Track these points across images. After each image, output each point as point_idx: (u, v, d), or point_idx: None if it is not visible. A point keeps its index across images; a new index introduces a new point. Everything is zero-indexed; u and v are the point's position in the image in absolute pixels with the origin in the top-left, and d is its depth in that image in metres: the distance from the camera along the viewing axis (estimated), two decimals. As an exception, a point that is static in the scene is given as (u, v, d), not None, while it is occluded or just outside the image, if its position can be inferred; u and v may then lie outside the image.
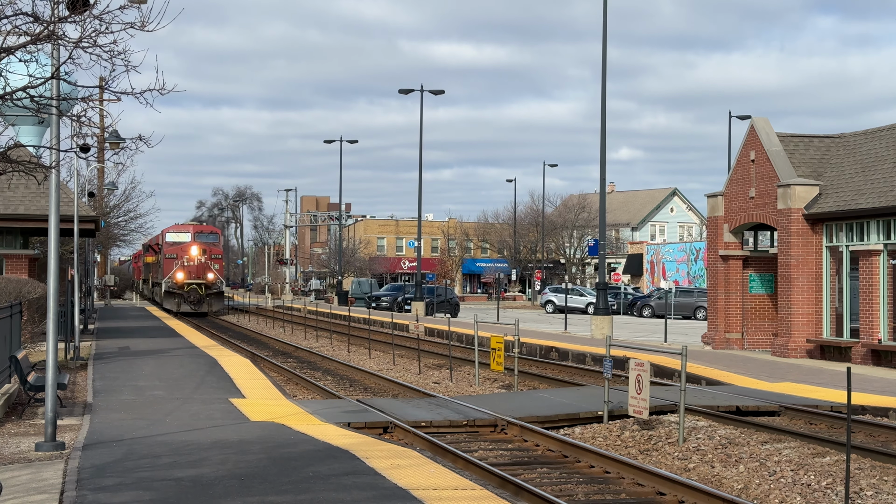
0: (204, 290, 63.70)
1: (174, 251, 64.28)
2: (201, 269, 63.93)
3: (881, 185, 29.52)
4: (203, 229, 69.39)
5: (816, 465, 14.90)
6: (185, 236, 65.73)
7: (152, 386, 22.11)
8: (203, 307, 63.53)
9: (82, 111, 11.64)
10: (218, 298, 65.36)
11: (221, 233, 74.85)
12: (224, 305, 67.98)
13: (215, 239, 68.47)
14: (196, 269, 63.65)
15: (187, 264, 63.39)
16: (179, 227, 69.08)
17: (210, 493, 11.35)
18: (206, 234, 68.29)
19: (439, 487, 11.75)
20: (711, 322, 35.39)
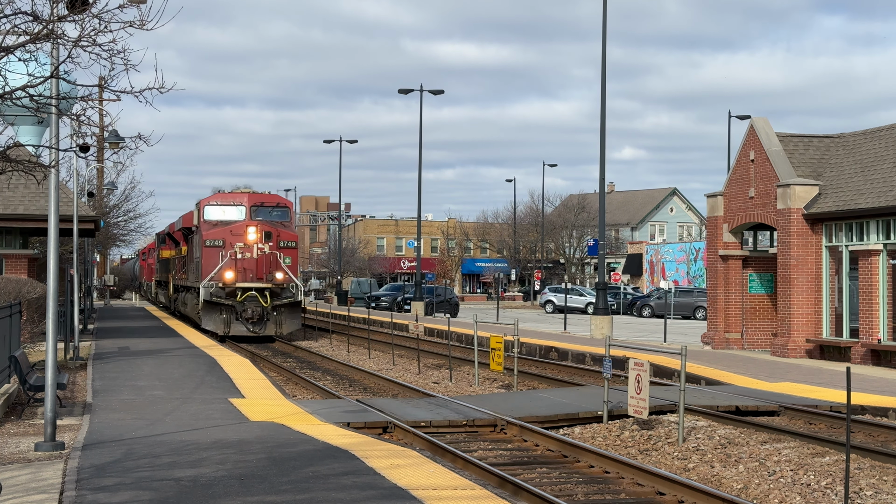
0: (269, 298, 39.37)
1: (219, 235, 40.10)
2: (265, 263, 39.66)
3: (881, 185, 29.52)
4: (266, 200, 42.42)
5: (816, 464, 14.89)
6: (236, 211, 41.26)
7: (152, 386, 22.10)
8: (268, 328, 39.63)
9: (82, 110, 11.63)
10: (291, 313, 40.26)
11: (293, 207, 44.66)
12: (300, 324, 41.72)
13: (285, 215, 42.41)
14: (257, 265, 39.54)
15: (242, 257, 39.47)
16: (227, 196, 42.64)
17: (210, 493, 11.34)
18: (271, 207, 42.23)
19: (439, 487, 11.75)
20: (711, 322, 35.38)
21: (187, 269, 46.54)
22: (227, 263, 39.35)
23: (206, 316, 39.63)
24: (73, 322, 31.79)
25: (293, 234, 42.18)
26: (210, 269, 39.68)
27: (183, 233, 47.54)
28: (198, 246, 41.70)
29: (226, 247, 39.73)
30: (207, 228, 40.86)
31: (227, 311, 39.38)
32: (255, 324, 39.47)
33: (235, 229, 40.09)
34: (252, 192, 42.62)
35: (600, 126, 41.41)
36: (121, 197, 66.45)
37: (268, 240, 39.72)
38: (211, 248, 40.03)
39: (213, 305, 39.48)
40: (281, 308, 39.82)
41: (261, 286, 39.30)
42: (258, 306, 39.27)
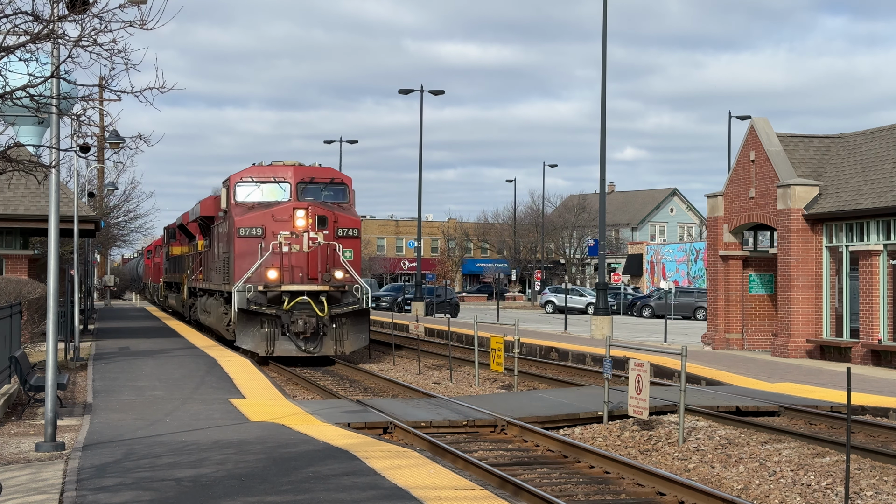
0: (327, 306, 30.12)
1: (256, 221, 30.84)
2: (320, 259, 30.54)
3: (881, 185, 29.52)
4: (317, 174, 32.63)
5: (816, 465, 14.89)
6: (278, 190, 31.84)
7: (152, 386, 22.10)
8: (326, 345, 30.42)
9: (82, 110, 11.63)
10: (356, 324, 30.90)
11: (351, 184, 33.53)
12: (367, 339, 31.71)
13: (342, 194, 32.69)
14: (309, 262, 30.45)
15: (288, 250, 30.34)
16: (265, 169, 32.44)
17: (210, 494, 11.34)
18: (324, 183, 32.53)
19: (439, 487, 11.75)
20: (711, 322, 35.38)
21: (209, 267, 36.90)
22: (268, 259, 29.79)
23: (242, 330, 29.68)
24: (74, 322, 31.79)
25: (354, 218, 31.84)
26: (245, 266, 29.99)
27: (200, 224, 38.11)
28: (226, 237, 32.30)
29: (266, 237, 30.18)
30: (241, 213, 30.83)
31: (270, 324, 29.75)
32: (308, 340, 29.79)
33: (279, 213, 30.37)
34: (299, 165, 32.08)
35: (601, 126, 41.43)
36: (121, 197, 66.49)
37: (322, 227, 30.27)
38: (246, 238, 30.37)
39: (252, 316, 29.56)
40: (342, 318, 30.14)
41: (315, 289, 29.65)
42: (312, 316, 29.58)
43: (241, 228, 30.59)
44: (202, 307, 38.81)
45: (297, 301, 29.80)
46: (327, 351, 30.39)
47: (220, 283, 33.48)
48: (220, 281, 33.52)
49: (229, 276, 31.53)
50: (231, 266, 31.18)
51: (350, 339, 30.59)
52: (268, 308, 29.88)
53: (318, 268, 30.24)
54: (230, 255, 31.42)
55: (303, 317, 29.75)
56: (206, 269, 38.11)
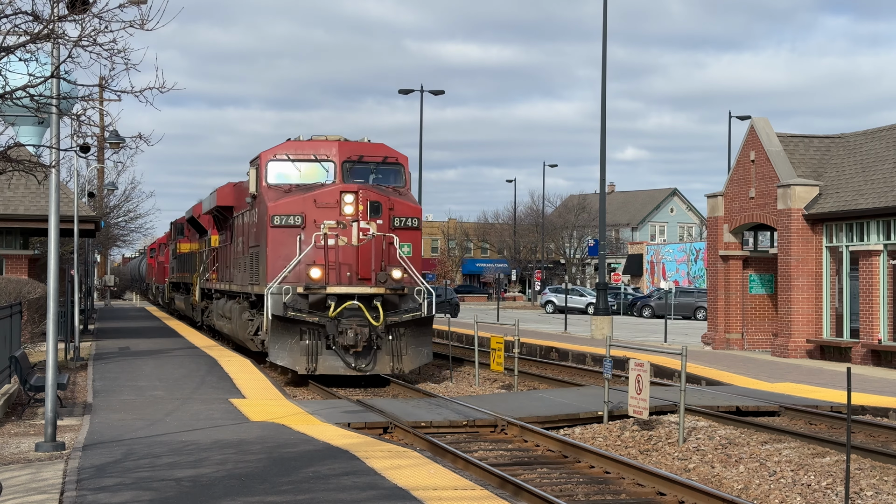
0: (382, 313, 24.83)
1: (294, 207, 25.70)
2: (374, 254, 25.36)
3: (881, 185, 29.52)
4: (367, 151, 27.14)
5: (816, 465, 14.89)
6: (321, 170, 26.46)
7: (152, 386, 22.10)
8: (380, 362, 25.01)
9: (82, 110, 11.63)
10: (417, 336, 25.39)
11: (408, 164, 27.76)
12: (430, 354, 26.10)
13: (396, 176, 27.29)
14: (359, 258, 25.28)
15: (334, 244, 25.23)
16: (304, 145, 26.88)
17: (210, 494, 11.34)
18: (376, 162, 27.12)
19: (439, 487, 11.75)
20: (711, 322, 35.38)
21: (227, 265, 32.33)
22: (309, 255, 24.72)
23: (276, 341, 24.30)
24: (74, 322, 31.80)
25: (413, 205, 26.27)
26: (280, 263, 24.96)
27: (216, 216, 33.86)
28: (255, 228, 26.92)
29: (306, 227, 25.01)
30: (275, 197, 25.60)
31: (312, 334, 24.35)
32: (359, 355, 24.41)
33: (322, 198, 25.08)
34: (344, 140, 26.60)
35: (601, 126, 41.44)
36: (121, 197, 66.52)
37: (375, 215, 25.07)
38: (282, 229, 25.18)
39: (289, 325, 24.20)
40: (400, 328, 24.72)
41: (368, 291, 24.47)
42: (364, 325, 24.22)
43: (276, 216, 25.22)
44: (219, 312, 33.68)
45: (346, 306, 24.33)
46: (382, 368, 24.65)
47: (245, 283, 28.21)
48: (245, 281, 28.34)
49: (259, 275, 26.27)
50: (262, 263, 25.91)
51: (410, 353, 24.83)
52: (309, 315, 24.38)
53: (370, 265, 24.78)
54: (261, 249, 26.11)
55: (353, 326, 24.15)
56: (222, 267, 33.93)
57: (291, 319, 24.31)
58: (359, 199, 25.11)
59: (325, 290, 24.52)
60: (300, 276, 24.83)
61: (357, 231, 25.05)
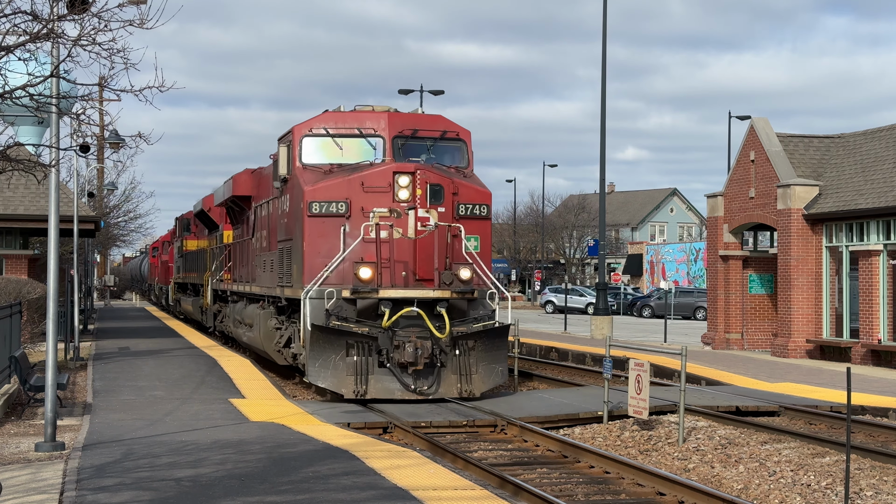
0: (447, 322, 20.05)
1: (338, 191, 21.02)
2: (435, 250, 20.69)
3: (881, 185, 29.52)
4: (421, 122, 22.39)
5: (816, 465, 14.89)
6: (366, 147, 21.80)
7: (152, 386, 22.09)
8: (445, 381, 20.43)
9: (82, 110, 11.64)
10: (489, 348, 20.76)
11: (470, 139, 22.74)
12: (505, 372, 21.53)
13: (457, 156, 22.59)
14: (417, 254, 20.71)
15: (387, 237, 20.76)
16: (346, 116, 22.11)
17: (210, 493, 11.33)
18: (431, 139, 22.25)
19: (439, 487, 11.74)
20: (711, 322, 35.38)
21: (243, 263, 28.82)
22: (357, 250, 20.51)
23: (317, 357, 20.02)
24: (74, 322, 31.79)
25: (482, 189, 21.91)
26: (320, 260, 20.66)
27: (231, 208, 30.35)
28: (286, 218, 22.63)
29: (352, 215, 20.70)
30: (312, 179, 21.24)
31: (361, 349, 20.01)
32: (419, 374, 20.12)
33: (371, 180, 20.78)
34: (395, 111, 22.43)
35: (601, 126, 41.45)
36: (121, 197, 66.49)
37: (436, 201, 20.76)
38: (321, 218, 20.79)
39: (333, 337, 19.97)
40: (468, 341, 20.39)
41: (430, 296, 20.18)
42: (425, 337, 19.91)
43: (315, 203, 20.73)
44: (236, 317, 29.42)
45: (402, 314, 19.93)
46: (447, 391, 20.32)
47: (271, 284, 24.02)
48: (271, 282, 24.09)
49: (292, 276, 21.87)
50: (296, 260, 21.48)
51: (481, 372, 20.49)
52: (357, 325, 20.04)
53: (432, 263, 20.41)
54: (294, 243, 21.68)
55: (412, 338, 19.77)
56: (237, 265, 30.17)
57: (336, 330, 19.82)
58: (416, 182, 20.55)
59: (377, 293, 20.04)
60: (344, 276, 20.45)
61: (415, 221, 20.53)
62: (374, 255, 20.41)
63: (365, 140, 21.70)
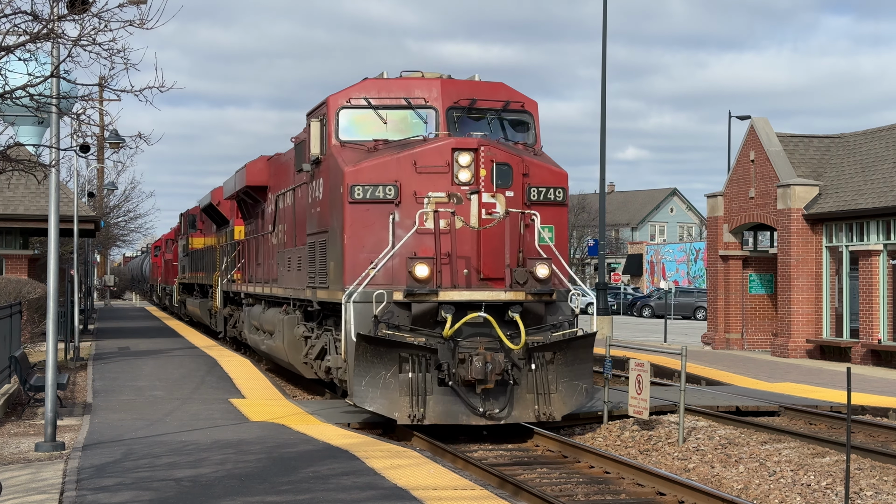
0: (522, 329, 16.53)
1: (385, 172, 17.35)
2: (509, 241, 17.07)
3: (881, 185, 29.52)
4: (479, 92, 18.54)
5: (816, 465, 14.89)
6: (415, 120, 18.20)
7: (152, 386, 22.09)
8: (520, 402, 16.88)
9: (82, 110, 11.65)
10: (571, 361, 17.08)
11: (536, 113, 18.96)
12: (589, 388, 17.61)
13: (522, 131, 18.87)
14: (481, 247, 16.95)
15: (446, 227, 17.03)
16: (391, 84, 18.44)
17: (209, 493, 11.33)
18: (492, 111, 18.57)
19: (439, 487, 11.74)
20: (711, 322, 35.39)
21: (262, 261, 25.56)
22: (410, 243, 17.09)
23: (363, 374, 16.53)
24: (74, 322, 31.80)
25: (556, 169, 18.32)
26: (363, 256, 17.30)
27: (244, 200, 27.47)
28: (319, 206, 19.25)
29: (402, 201, 17.30)
30: (353, 158, 17.82)
31: (417, 364, 16.62)
32: (488, 394, 16.73)
33: (425, 157, 17.33)
34: (448, 78, 18.84)
35: (601, 126, 41.45)
36: (121, 197, 66.55)
37: (504, 183, 17.33)
38: (365, 204, 17.40)
39: (383, 349, 16.53)
40: (545, 354, 17.05)
41: (501, 298, 16.80)
42: (495, 348, 16.64)
43: (358, 187, 17.23)
44: (253, 322, 26.12)
45: (467, 321, 16.52)
46: (522, 415, 16.87)
47: (298, 285, 20.91)
48: (298, 282, 21.03)
49: (327, 274, 18.46)
50: (334, 256, 17.99)
51: (562, 390, 17.07)
52: (412, 334, 16.68)
53: (502, 258, 17.01)
54: (331, 236, 18.22)
55: (480, 351, 16.41)
56: (250, 264, 27.36)
57: (387, 342, 16.38)
58: (480, 160, 16.95)
59: (436, 295, 16.50)
60: (394, 274, 16.99)
61: (478, 207, 16.98)
62: (430, 249, 16.85)
63: (414, 112, 18.23)
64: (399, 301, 16.72)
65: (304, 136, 19.85)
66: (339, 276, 17.58)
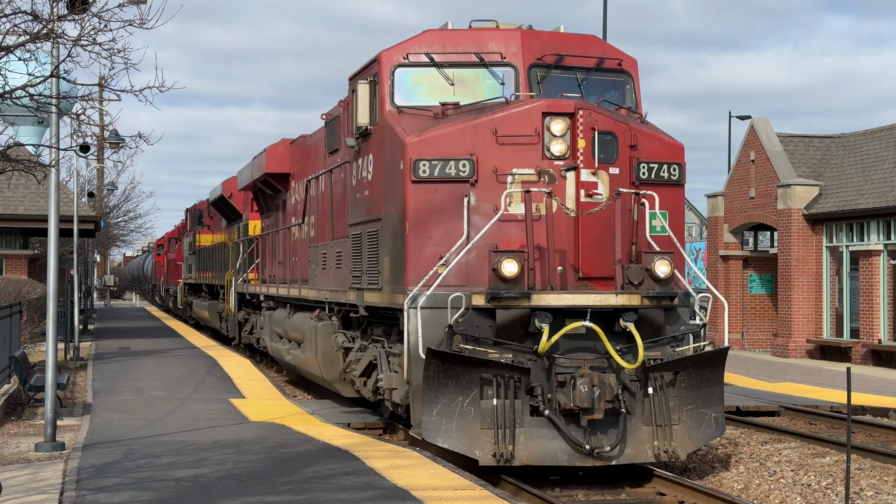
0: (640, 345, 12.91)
1: (457, 143, 13.82)
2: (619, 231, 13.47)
3: (881, 185, 29.52)
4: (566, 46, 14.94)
5: (816, 465, 14.88)
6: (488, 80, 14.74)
7: (152, 386, 22.09)
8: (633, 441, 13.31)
9: (82, 110, 11.65)
10: (698, 381, 13.49)
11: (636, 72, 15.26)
12: (721, 420, 13.79)
13: (619, 94, 15.23)
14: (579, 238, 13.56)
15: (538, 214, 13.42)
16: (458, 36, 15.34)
17: (209, 494, 11.32)
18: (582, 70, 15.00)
19: (439, 487, 11.73)
20: (711, 322, 35.33)
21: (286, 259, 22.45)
22: (492, 233, 13.65)
23: (434, 400, 13.06)
24: (74, 322, 31.80)
25: (667, 139, 14.81)
26: (430, 250, 13.98)
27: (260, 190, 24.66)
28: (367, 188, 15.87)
29: (479, 181, 13.93)
30: (415, 127, 14.36)
31: (504, 387, 13.05)
32: (595, 427, 13.22)
33: (507, 125, 13.98)
34: (528, 28, 15.79)
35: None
36: (121, 197, 66.53)
37: (606, 157, 13.95)
38: (431, 184, 14.01)
39: (462, 368, 12.99)
40: (663, 373, 13.58)
41: (611, 303, 13.37)
42: (603, 367, 13.27)
43: (423, 162, 13.91)
44: (275, 329, 22.98)
45: (567, 332, 13.15)
46: (638, 453, 13.51)
47: (338, 285, 17.35)
48: (337, 282, 17.43)
49: (380, 272, 14.99)
50: (392, 249, 14.53)
51: (687, 421, 13.67)
52: (497, 349, 13.28)
53: (609, 253, 13.72)
54: (388, 224, 14.72)
55: (585, 371, 13.14)
56: (268, 261, 24.74)
57: (467, 359, 12.93)
58: (578, 128, 13.70)
59: (528, 299, 13.08)
60: (469, 273, 13.61)
61: (576, 188, 13.72)
62: (514, 240, 13.56)
63: (487, 71, 14.89)
64: (480, 306, 13.24)
65: (338, 111, 17.55)
66: (398, 275, 14.17)
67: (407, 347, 13.52)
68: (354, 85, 16.01)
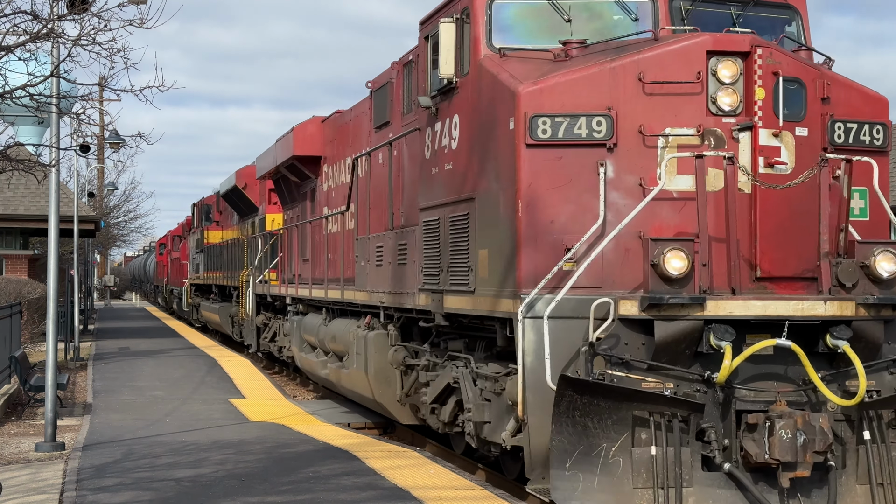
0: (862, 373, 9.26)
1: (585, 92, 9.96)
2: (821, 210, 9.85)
3: (881, 185, 29.47)
4: None
5: (817, 465, 14.86)
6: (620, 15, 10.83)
7: (152, 386, 22.09)
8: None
9: (82, 109, 11.65)
10: None
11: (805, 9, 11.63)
12: None
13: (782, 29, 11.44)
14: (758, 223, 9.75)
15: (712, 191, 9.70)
16: None
17: (209, 494, 11.32)
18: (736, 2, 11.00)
19: (439, 487, 11.73)
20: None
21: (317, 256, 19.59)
22: (640, 218, 9.77)
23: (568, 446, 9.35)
24: (74, 322, 31.82)
25: (867, 91, 11.19)
26: (551, 238, 10.05)
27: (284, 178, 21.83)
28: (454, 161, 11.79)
29: (619, 144, 10.05)
30: (527, 72, 10.47)
31: (665, 429, 9.34)
32: (796, 489, 9.48)
33: (656, 69, 10.06)
34: None
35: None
36: (121, 197, 66.54)
37: (792, 114, 10.05)
38: (552, 149, 10.08)
39: (609, 403, 9.31)
40: (883, 411, 9.77)
41: (817, 314, 9.57)
42: (801, 403, 9.62)
43: (542, 118, 10.14)
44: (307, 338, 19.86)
45: (753, 353, 9.54)
46: None
47: (404, 286, 13.79)
48: (399, 282, 13.99)
49: (478, 268, 11.17)
50: (496, 236, 10.75)
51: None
52: (655, 376, 9.63)
53: (807, 243, 10.12)
54: (489, 203, 10.94)
55: (782, 409, 9.50)
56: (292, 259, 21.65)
57: (616, 390, 9.50)
58: (755, 73, 10.11)
59: (701, 308, 9.60)
60: (607, 270, 10.08)
61: (754, 153, 10.14)
62: (672, 226, 10.08)
63: (614, 3, 11.19)
64: (632, 317, 9.65)
65: (390, 75, 14.72)
66: (505, 273, 10.52)
67: (522, 372, 9.91)
68: (433, 28, 12.30)
